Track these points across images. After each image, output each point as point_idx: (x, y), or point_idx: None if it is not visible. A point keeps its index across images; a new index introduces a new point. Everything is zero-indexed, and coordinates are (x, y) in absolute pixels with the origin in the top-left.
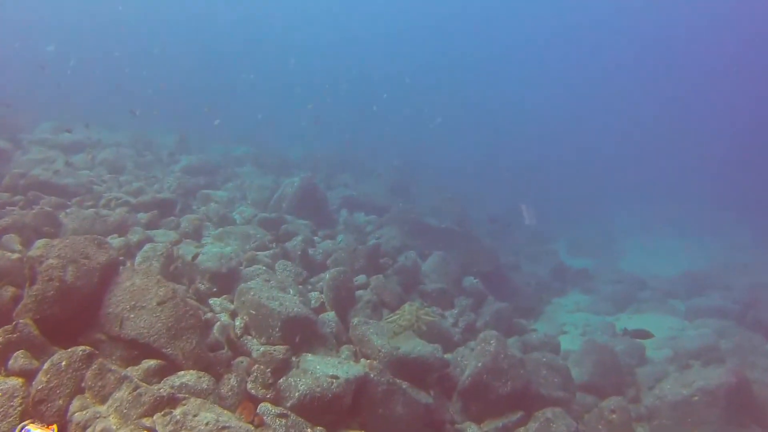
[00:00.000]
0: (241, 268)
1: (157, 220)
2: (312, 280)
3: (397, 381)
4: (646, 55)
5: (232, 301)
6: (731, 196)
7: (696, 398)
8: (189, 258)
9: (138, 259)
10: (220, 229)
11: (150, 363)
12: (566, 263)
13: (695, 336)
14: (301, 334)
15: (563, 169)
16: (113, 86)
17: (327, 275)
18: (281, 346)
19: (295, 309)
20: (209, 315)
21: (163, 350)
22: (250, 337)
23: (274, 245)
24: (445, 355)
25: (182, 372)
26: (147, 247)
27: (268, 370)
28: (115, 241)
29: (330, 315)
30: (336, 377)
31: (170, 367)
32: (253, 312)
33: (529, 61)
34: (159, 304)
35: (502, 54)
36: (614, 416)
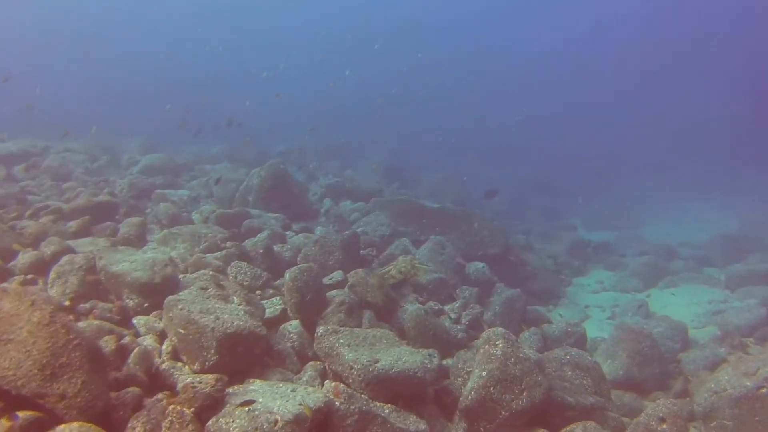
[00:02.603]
0: (184, 276)
1: (88, 226)
2: (277, 282)
3: (375, 406)
4: (652, 15)
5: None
6: (749, 151)
7: (765, 390)
8: (114, 269)
9: (51, 275)
10: (165, 231)
11: (21, 416)
12: (584, 238)
13: (743, 309)
14: (245, 355)
15: (571, 141)
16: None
17: (287, 275)
18: (210, 376)
19: (236, 323)
20: (127, 339)
21: (36, 398)
22: (179, 364)
23: (227, 244)
24: (445, 361)
25: (61, 427)
26: (64, 259)
27: (191, 410)
28: (25, 256)
29: (292, 325)
30: (280, 415)
31: (50, 420)
32: (182, 331)
33: (538, 29)
34: (30, 334)
35: (511, 24)
36: (665, 426)
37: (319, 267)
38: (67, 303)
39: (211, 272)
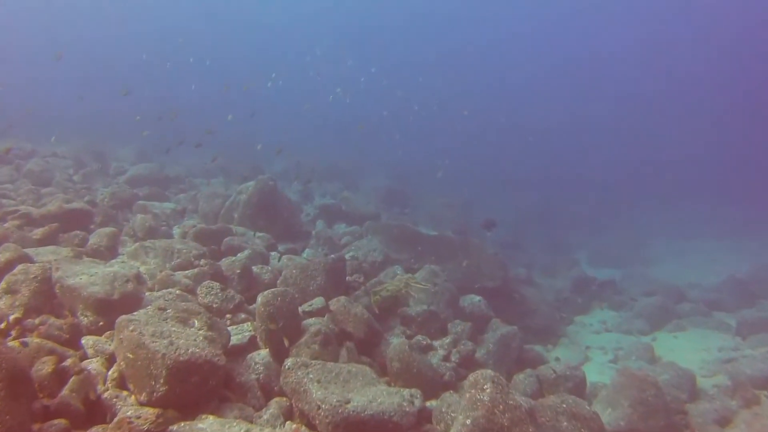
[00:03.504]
0: (151, 293)
1: (56, 234)
2: (252, 307)
3: None
4: (661, 44)
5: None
6: (764, 191)
7: None
8: (70, 282)
9: (2, 284)
10: (137, 245)
11: None
12: (589, 274)
13: (756, 358)
14: (200, 387)
15: (579, 176)
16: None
17: (259, 299)
18: (151, 410)
19: (191, 350)
20: (69, 362)
21: None
22: (125, 393)
23: (201, 262)
24: (429, 403)
25: None
26: (18, 268)
27: None
28: None
29: (260, 354)
30: None
31: None
32: (131, 356)
33: (544, 57)
34: None
35: (517, 50)
36: None
37: (300, 292)
38: (16, 316)
39: (177, 291)
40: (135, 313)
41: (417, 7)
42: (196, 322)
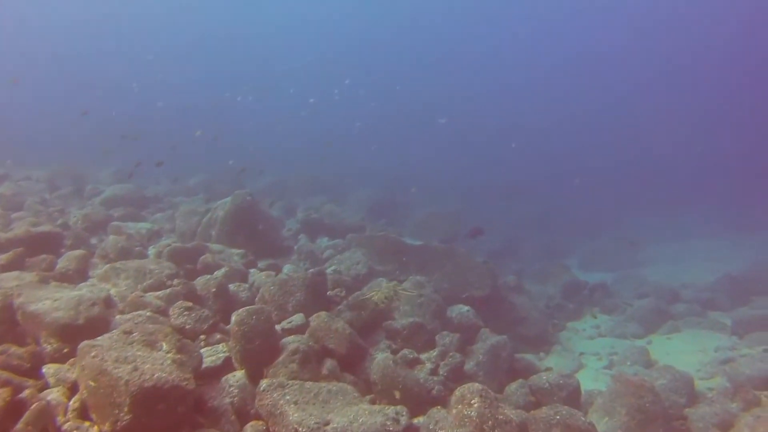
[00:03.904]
0: (121, 316)
1: (22, 259)
2: (229, 327)
3: None
4: (658, 45)
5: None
6: (758, 188)
7: None
8: (31, 308)
9: None
10: (107, 266)
11: None
12: (580, 279)
13: (754, 358)
14: (167, 414)
15: (568, 180)
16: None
17: (233, 317)
18: None
19: (157, 375)
20: (27, 393)
21: None
22: (87, 425)
23: (174, 282)
24: (417, 420)
25: None
26: None
27: None
28: None
29: (235, 376)
30: None
31: None
32: (92, 383)
33: (532, 64)
34: None
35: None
36: None
37: (278, 309)
38: None
39: (148, 313)
40: (98, 338)
41: (403, 16)
42: (164, 345)
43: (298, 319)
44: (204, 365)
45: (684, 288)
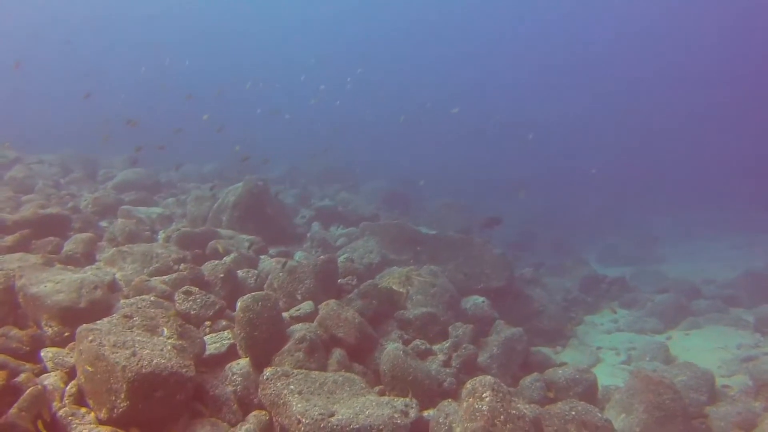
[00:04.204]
0: (125, 301)
1: (28, 241)
2: (235, 313)
3: None
4: (671, 48)
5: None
6: None
7: None
8: (33, 290)
9: None
10: (113, 250)
11: None
12: (599, 273)
13: None
14: (166, 402)
15: (589, 174)
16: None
17: (238, 304)
18: (110, 429)
19: (155, 361)
20: (23, 377)
21: None
22: (83, 411)
23: (180, 267)
24: (426, 413)
25: None
26: None
27: None
28: None
29: (240, 364)
30: None
31: None
32: (90, 368)
33: (544, 58)
34: None
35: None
36: None
37: (287, 296)
38: None
39: (152, 298)
40: (98, 322)
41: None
42: (165, 330)
43: (306, 306)
44: (208, 352)
45: (705, 284)
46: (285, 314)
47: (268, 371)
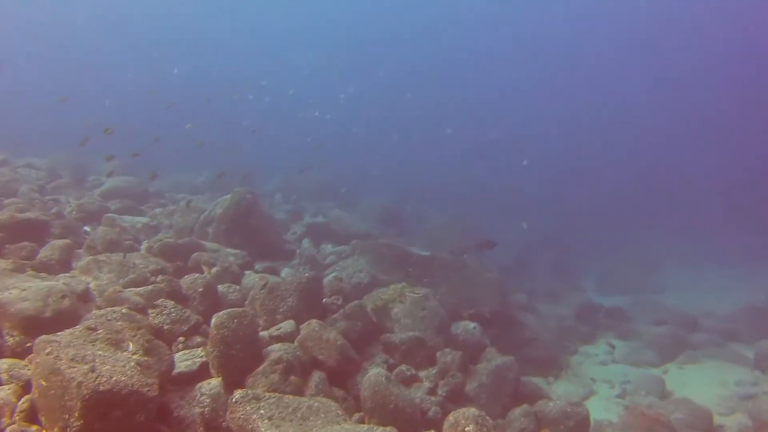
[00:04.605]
0: (97, 312)
1: (1, 246)
2: None
3: None
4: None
5: None
6: None
7: None
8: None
9: None
10: (89, 258)
11: None
12: (596, 301)
13: None
14: (124, 422)
15: (588, 197)
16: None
17: (213, 320)
18: None
19: (115, 378)
20: None
21: None
22: (34, 428)
23: (158, 278)
24: None
25: None
26: None
27: None
28: None
29: (210, 384)
30: None
31: None
32: (44, 383)
33: (544, 73)
34: None
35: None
36: None
37: (267, 314)
38: None
39: (124, 310)
40: (59, 333)
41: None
42: (131, 345)
43: (287, 326)
44: (177, 370)
45: (704, 316)
46: (264, 333)
47: (237, 393)
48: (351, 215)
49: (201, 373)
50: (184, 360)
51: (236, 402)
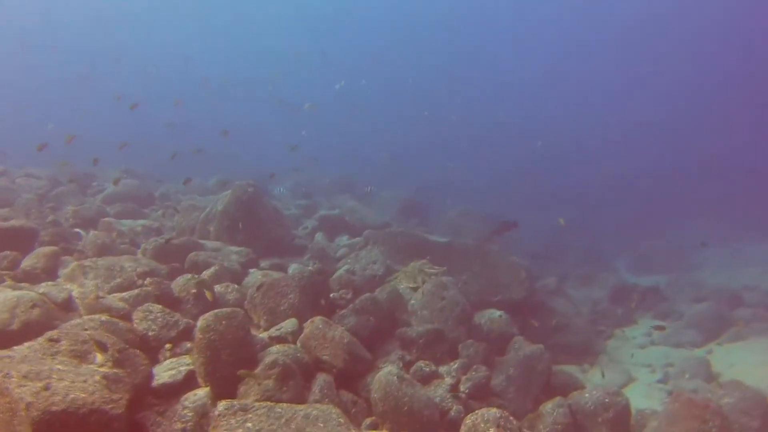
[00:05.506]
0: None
1: None
2: None
3: None
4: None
5: None
6: None
7: None
8: None
9: None
10: (75, 264)
11: None
12: (630, 282)
13: None
14: None
15: (619, 178)
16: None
17: (198, 323)
18: None
19: (71, 396)
20: None
21: None
22: None
23: (146, 282)
24: None
25: None
26: None
27: None
28: None
29: (197, 395)
30: None
31: None
32: None
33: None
34: None
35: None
36: None
37: (268, 314)
38: None
39: (103, 318)
40: (16, 347)
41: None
42: (98, 356)
43: (288, 325)
44: (161, 381)
45: (747, 291)
46: (264, 334)
47: (221, 405)
48: (367, 207)
49: (187, 383)
50: (169, 369)
51: (219, 415)
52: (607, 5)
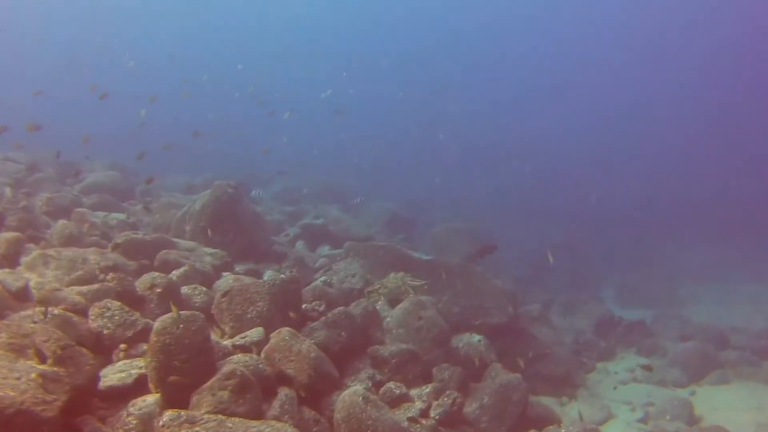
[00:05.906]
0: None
1: None
2: None
3: None
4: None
5: None
6: None
7: None
8: None
9: None
10: (36, 253)
11: None
12: (616, 314)
13: None
14: None
15: (609, 204)
16: None
17: (154, 325)
18: None
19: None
20: None
21: None
22: None
23: (108, 277)
24: None
25: None
26: None
27: None
28: None
29: (144, 402)
30: None
31: None
32: None
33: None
34: None
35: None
36: None
37: (234, 320)
38: None
39: (57, 311)
40: None
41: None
42: (33, 360)
43: (254, 334)
44: (109, 383)
45: (734, 332)
46: (228, 342)
47: (167, 415)
48: (353, 218)
49: (138, 388)
50: (119, 372)
51: (164, 425)
52: (601, 22)
